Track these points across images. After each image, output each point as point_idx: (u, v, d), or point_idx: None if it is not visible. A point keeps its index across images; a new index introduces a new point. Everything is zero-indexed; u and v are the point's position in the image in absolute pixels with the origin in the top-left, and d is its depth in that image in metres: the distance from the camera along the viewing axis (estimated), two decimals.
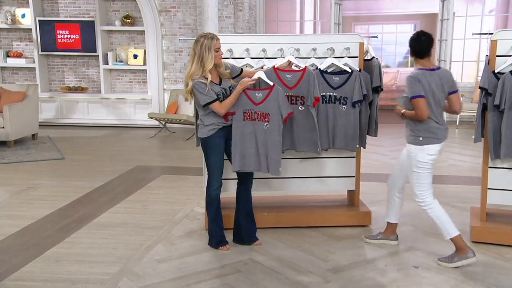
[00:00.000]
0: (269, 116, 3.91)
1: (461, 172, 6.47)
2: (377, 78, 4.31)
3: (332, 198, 4.90)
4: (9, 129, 7.87)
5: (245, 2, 9.78)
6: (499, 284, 3.40)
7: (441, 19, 10.39)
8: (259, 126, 3.93)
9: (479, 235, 4.07)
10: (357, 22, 17.77)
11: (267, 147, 3.93)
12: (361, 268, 3.66)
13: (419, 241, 4.17)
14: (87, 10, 10.33)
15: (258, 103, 3.91)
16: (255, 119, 3.93)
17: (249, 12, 10.10)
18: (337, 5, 10.62)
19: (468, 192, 5.38)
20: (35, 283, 3.43)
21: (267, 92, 3.92)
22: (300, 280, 3.46)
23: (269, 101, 3.91)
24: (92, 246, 4.08)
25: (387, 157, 7.32)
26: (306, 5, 13.03)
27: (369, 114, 4.41)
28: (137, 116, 10.02)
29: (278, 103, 3.91)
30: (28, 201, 5.29)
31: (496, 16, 11.81)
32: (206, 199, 4.05)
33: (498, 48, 3.94)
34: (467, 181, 5.87)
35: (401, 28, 19.37)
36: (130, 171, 6.54)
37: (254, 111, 3.92)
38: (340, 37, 4.58)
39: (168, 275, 3.54)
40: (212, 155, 3.91)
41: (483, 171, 4.14)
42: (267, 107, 3.91)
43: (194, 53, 3.73)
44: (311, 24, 13.21)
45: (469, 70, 11.55)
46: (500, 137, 3.93)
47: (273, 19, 11.03)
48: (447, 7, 10.05)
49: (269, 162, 3.94)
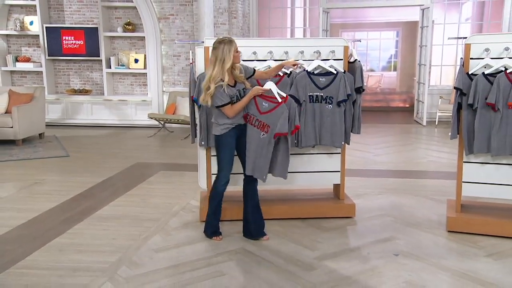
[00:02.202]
0: (268, 128, 3.79)
1: (440, 167, 6.49)
2: (359, 79, 4.32)
3: (319, 192, 4.89)
4: (18, 128, 7.81)
5: (239, 10, 9.76)
6: (473, 269, 3.40)
7: (421, 26, 10.43)
8: (256, 134, 3.83)
9: (454, 225, 4.08)
10: (344, 29, 17.78)
11: (257, 154, 3.83)
12: (345, 256, 3.65)
13: (399, 231, 4.16)
14: (91, 17, 10.27)
15: (263, 112, 3.81)
16: (255, 126, 3.82)
17: (243, 19, 10.08)
18: (325, 13, 10.62)
19: (446, 186, 5.39)
20: (38, 271, 3.39)
21: (274, 105, 3.80)
22: (289, 268, 3.45)
23: (272, 114, 3.78)
24: (93, 237, 4.05)
25: (371, 154, 7.33)
26: (296, 12, 13.00)
27: (352, 113, 4.42)
28: (138, 116, 9.96)
29: (279, 119, 3.76)
30: (34, 195, 5.25)
31: (471, 24, 11.85)
32: (211, 192, 3.99)
33: (471, 51, 3.94)
34: (445, 176, 5.88)
35: (385, 34, 19.42)
36: (131, 167, 6.51)
37: (256, 118, 3.82)
38: (326, 41, 4.55)
39: (164, 263, 3.51)
40: (223, 152, 3.86)
41: (458, 166, 4.14)
42: (269, 119, 3.79)
43: (215, 58, 3.63)
44: (301, 30, 13.18)
45: (448, 73, 11.59)
46: (473, 134, 3.94)
47: (266, 25, 11.01)
48: (427, 15, 10.09)
49: (255, 167, 3.84)
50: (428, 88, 10.32)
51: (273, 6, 11.08)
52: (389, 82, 18.64)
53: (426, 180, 5.95)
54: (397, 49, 18.86)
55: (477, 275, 3.31)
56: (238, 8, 9.73)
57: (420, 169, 6.48)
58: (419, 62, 10.63)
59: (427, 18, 10.05)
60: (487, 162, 4.03)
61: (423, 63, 10.38)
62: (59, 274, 3.35)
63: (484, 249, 3.75)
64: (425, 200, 5.05)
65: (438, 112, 10.10)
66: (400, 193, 5.27)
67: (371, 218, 4.49)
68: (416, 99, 10.97)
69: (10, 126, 7.80)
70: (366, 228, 4.26)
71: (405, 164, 6.80)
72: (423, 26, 10.28)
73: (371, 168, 6.51)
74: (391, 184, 5.69)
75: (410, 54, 16.04)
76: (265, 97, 3.81)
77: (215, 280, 3.26)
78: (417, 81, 10.86)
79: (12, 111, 7.85)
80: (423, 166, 6.66)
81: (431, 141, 8.61)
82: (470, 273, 3.34)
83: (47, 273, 3.37)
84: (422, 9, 10.34)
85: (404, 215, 4.55)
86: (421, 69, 10.57)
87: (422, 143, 8.50)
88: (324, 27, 10.57)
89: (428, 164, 6.74)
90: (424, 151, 7.73)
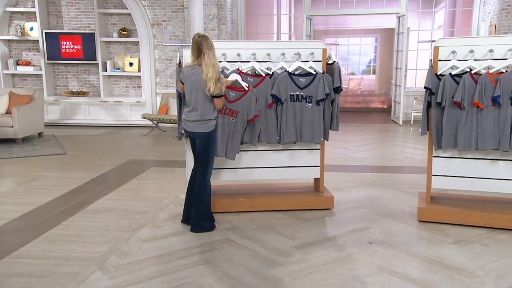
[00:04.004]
0: (237, 113, 4.06)
1: (414, 163, 6.53)
2: (337, 80, 4.32)
3: (300, 185, 4.89)
4: (17, 128, 7.72)
5: (227, 16, 9.73)
6: (440, 255, 3.42)
7: (397, 32, 10.48)
8: (226, 120, 4.07)
9: (424, 215, 4.10)
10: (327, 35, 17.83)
11: (229, 138, 4.08)
12: (322, 245, 3.65)
13: (374, 221, 4.17)
14: (88, 23, 10.18)
15: (231, 101, 4.02)
16: (225, 114, 4.04)
17: (232, 25, 10.05)
18: (308, 20, 10.64)
19: (419, 179, 5.41)
20: (32, 260, 3.35)
21: (241, 93, 4.02)
22: (269, 256, 3.44)
23: (241, 101, 4.05)
24: (86, 228, 4.00)
25: (351, 151, 7.35)
26: (282, 19, 13.02)
27: (331, 111, 4.42)
28: (133, 116, 9.90)
29: (248, 105, 4.05)
30: (31, 190, 5.18)
31: (443, 31, 11.95)
32: (206, 188, 3.87)
33: (440, 53, 3.97)
34: (418, 171, 5.91)
35: (365, 40, 19.51)
36: (124, 164, 6.45)
37: (226, 107, 4.00)
38: (306, 44, 4.56)
39: (152, 253, 3.48)
40: (212, 148, 3.83)
41: (428, 160, 4.16)
42: (238, 106, 4.05)
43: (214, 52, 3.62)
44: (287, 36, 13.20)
45: (422, 76, 11.63)
46: (441, 130, 3.96)
47: (253, 32, 10.99)
48: (402, 22, 10.14)
49: (228, 149, 4.10)
50: (404, 90, 10.37)
51: (260, 13, 11.07)
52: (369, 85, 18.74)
53: (401, 174, 5.98)
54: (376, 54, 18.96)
55: (444, 261, 3.33)
56: (227, 15, 9.70)
57: (396, 165, 6.51)
58: (396, 66, 10.69)
59: (403, 25, 10.11)
60: (454, 156, 4.06)
61: (399, 66, 10.44)
62: (52, 263, 3.31)
63: (451, 236, 3.77)
64: (399, 192, 5.07)
65: (413, 112, 10.16)
66: (376, 187, 5.28)
67: (349, 210, 4.49)
68: (393, 101, 11.03)
69: (10, 126, 7.71)
70: (343, 218, 4.27)
71: (382, 160, 6.83)
72: (399, 33, 10.33)
73: (350, 164, 6.53)
74: (369, 178, 5.71)
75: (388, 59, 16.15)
76: (231, 88, 4.03)
77: (200, 268, 3.24)
78: (394, 84, 10.92)
79: (12, 111, 7.76)
80: (398, 161, 6.70)
81: (407, 139, 8.66)
82: (437, 259, 3.36)
83: (41, 262, 3.33)
84: (398, 17, 10.39)
85: (379, 207, 4.57)
86: (397, 73, 10.62)
87: (398, 140, 8.54)
88: (308, 33, 10.59)
89: (403, 160, 6.78)
90: (400, 148, 7.77)
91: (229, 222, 4.13)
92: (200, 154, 3.83)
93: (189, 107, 3.78)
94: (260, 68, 4.25)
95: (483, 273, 3.15)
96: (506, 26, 8.57)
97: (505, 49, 3.82)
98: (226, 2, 9.57)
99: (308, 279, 3.08)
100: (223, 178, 4.49)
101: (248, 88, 4.04)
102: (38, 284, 3.00)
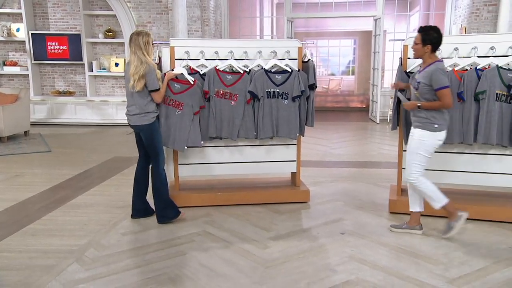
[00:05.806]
0: (182, 105, 4.06)
1: (389, 159, 6.54)
2: (312, 77, 4.31)
3: (277, 180, 4.87)
4: (3, 126, 7.55)
5: (211, 18, 9.67)
6: (409, 244, 3.43)
7: (374, 35, 10.53)
8: (172, 111, 4.05)
9: (395, 206, 4.12)
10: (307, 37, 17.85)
11: (176, 128, 4.07)
12: (297, 236, 3.64)
13: (347, 213, 4.18)
14: (74, 24, 10.01)
15: (176, 92, 4.04)
16: (170, 105, 4.05)
17: (215, 27, 9.99)
18: (289, 22, 10.63)
19: (393, 174, 5.38)
20: (10, 254, 3.27)
21: (186, 86, 4.05)
22: (245, 247, 3.41)
23: (186, 94, 4.06)
24: (66, 222, 3.92)
25: (329, 148, 7.36)
26: (264, 22, 13.00)
27: (306, 108, 4.41)
28: (118, 116, 9.72)
29: (193, 98, 4.07)
30: (13, 186, 5.06)
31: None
32: (160, 177, 3.82)
33: (409, 52, 3.96)
34: (392, 166, 5.86)
35: (344, 42, 19.63)
36: (108, 161, 6.35)
37: (171, 98, 4.04)
38: (282, 42, 4.53)
39: (130, 245, 3.43)
40: (158, 137, 3.82)
41: (398, 154, 4.18)
42: (183, 98, 4.06)
43: (146, 45, 3.66)
44: (269, 37, 13.18)
45: None
46: (411, 125, 3.95)
47: (236, 33, 10.95)
48: (379, 25, 10.19)
49: (176, 140, 4.09)
50: (381, 90, 10.43)
51: (243, 15, 11.03)
52: (348, 85, 18.85)
53: (376, 169, 6.00)
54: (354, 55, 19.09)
55: (412, 249, 3.34)
56: (210, 17, 9.64)
57: (372, 160, 6.53)
58: (373, 66, 10.75)
59: (379, 27, 10.16)
60: None
61: (376, 67, 10.49)
62: (30, 256, 3.23)
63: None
64: (373, 186, 5.09)
65: (389, 111, 10.22)
66: (351, 181, 5.29)
67: (324, 203, 4.49)
68: (371, 100, 11.09)
69: None
70: (318, 211, 4.26)
71: (359, 156, 6.85)
72: (376, 35, 10.39)
73: (328, 160, 6.53)
74: (345, 173, 5.72)
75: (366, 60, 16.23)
76: (176, 80, 4.03)
77: (176, 259, 3.19)
78: (372, 84, 10.98)
79: None
80: (374, 157, 6.72)
81: (384, 136, 8.71)
82: (406, 248, 3.37)
83: (19, 255, 3.25)
84: (375, 20, 10.45)
85: (353, 200, 4.57)
86: (375, 73, 10.68)
87: (375, 138, 8.59)
88: (289, 35, 10.58)
89: (379, 156, 6.80)
90: (377, 145, 7.80)
91: (207, 216, 4.09)
92: (148, 146, 3.83)
93: (129, 102, 3.80)
94: (238, 66, 4.22)
95: (447, 260, 3.17)
96: (475, 28, 8.68)
97: (469, 47, 3.85)
98: (209, 4, 9.51)
99: (281, 268, 3.06)
100: (201, 172, 4.44)
101: (194, 83, 4.05)
102: (15, 277, 2.92)
